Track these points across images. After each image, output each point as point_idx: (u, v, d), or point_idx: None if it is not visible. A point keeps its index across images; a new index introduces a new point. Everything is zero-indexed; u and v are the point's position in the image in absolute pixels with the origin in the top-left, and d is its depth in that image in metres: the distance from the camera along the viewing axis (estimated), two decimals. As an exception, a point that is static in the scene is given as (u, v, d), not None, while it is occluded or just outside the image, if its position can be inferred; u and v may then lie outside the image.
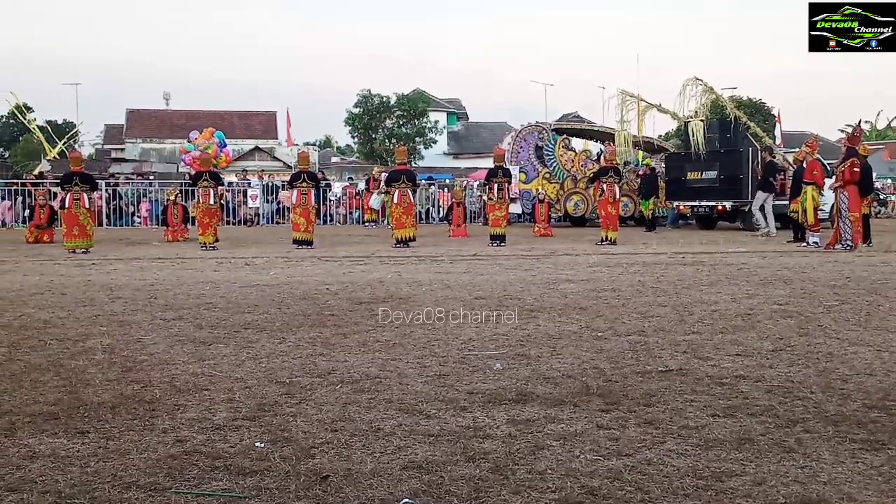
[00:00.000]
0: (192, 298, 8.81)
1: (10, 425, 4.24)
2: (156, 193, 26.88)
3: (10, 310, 8.04)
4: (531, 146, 25.43)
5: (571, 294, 9.09)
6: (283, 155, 45.34)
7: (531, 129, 26.07)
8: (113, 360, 5.79)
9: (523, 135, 25.83)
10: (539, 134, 25.68)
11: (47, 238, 18.45)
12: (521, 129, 26.34)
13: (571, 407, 4.55)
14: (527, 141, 25.54)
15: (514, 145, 25.53)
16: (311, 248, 15.95)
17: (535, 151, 25.38)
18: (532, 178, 25.03)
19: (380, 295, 9.02)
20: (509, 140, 26.24)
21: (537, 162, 25.34)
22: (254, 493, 3.34)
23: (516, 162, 25.00)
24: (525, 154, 25.38)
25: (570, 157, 25.46)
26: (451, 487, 3.38)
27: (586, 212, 24.75)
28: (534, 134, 25.73)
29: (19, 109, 44.54)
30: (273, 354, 5.96)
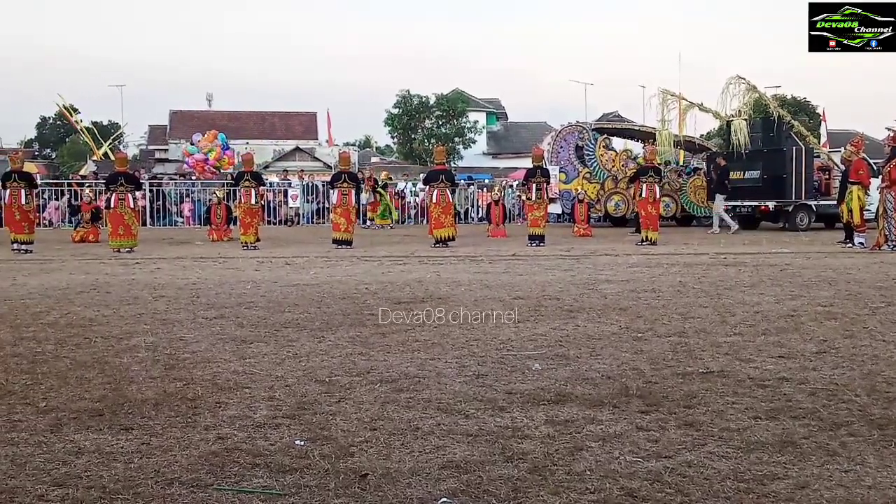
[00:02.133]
0: (233, 297, 8.91)
1: (57, 421, 4.32)
2: (198, 193, 27.20)
3: (57, 308, 8.20)
4: (571, 146, 25.28)
5: (611, 295, 9.04)
6: (324, 155, 45.61)
7: (571, 129, 25.92)
8: (156, 357, 5.88)
9: (563, 135, 25.69)
10: (579, 134, 25.52)
11: (93, 237, 18.76)
12: (562, 129, 26.19)
13: (611, 408, 4.52)
14: (567, 141, 25.40)
15: (554, 145, 25.40)
16: (350, 247, 16.04)
17: (575, 151, 25.22)
18: (572, 178, 24.88)
19: (419, 295, 9.04)
20: (549, 140, 26.11)
21: (577, 162, 25.18)
22: (293, 490, 3.37)
23: (556, 162, 24.89)
24: (565, 154, 25.24)
25: (610, 156, 25.26)
26: (490, 487, 3.38)
27: (627, 212, 24.55)
28: (574, 134, 25.58)
29: (67, 110, 45.29)
30: (313, 353, 6.00)
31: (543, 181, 17.40)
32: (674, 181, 24.73)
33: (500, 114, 59.89)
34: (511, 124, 60.00)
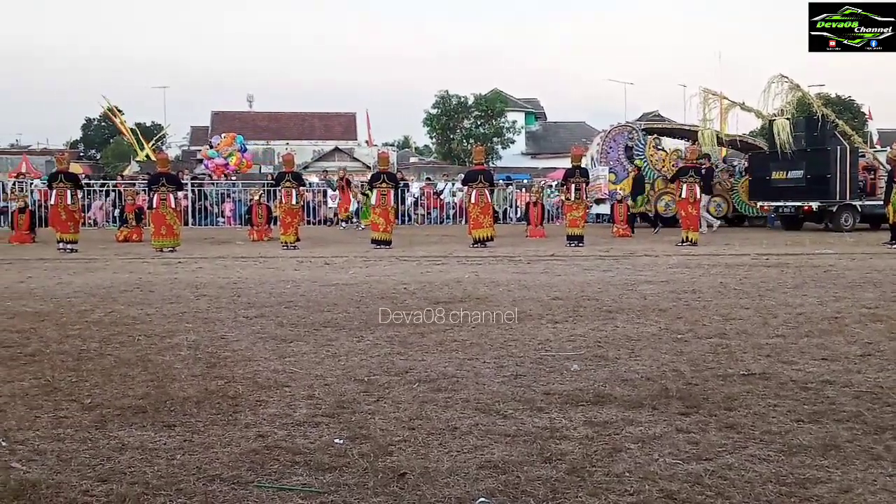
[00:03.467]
0: (273, 297, 8.98)
1: (101, 418, 4.40)
2: (239, 194, 27.46)
3: (101, 306, 8.33)
4: (621, 146, 25.03)
5: (651, 295, 8.97)
6: (363, 155, 45.86)
7: (621, 129, 25.70)
8: (198, 356, 5.95)
9: (613, 135, 25.46)
10: (629, 134, 25.27)
11: (136, 237, 19.03)
12: (611, 129, 25.96)
13: (650, 409, 4.49)
14: (616, 141, 25.16)
15: (603, 145, 25.21)
16: (389, 247, 16.09)
17: (624, 151, 24.93)
18: (622, 178, 24.58)
19: (457, 295, 9.05)
20: (599, 140, 25.93)
21: (627, 162, 24.87)
22: (332, 488, 3.40)
23: (605, 162, 24.70)
24: (615, 154, 25.00)
25: (660, 156, 24.92)
26: (528, 488, 3.37)
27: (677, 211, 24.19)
28: (623, 134, 25.34)
29: (111, 112, 46.00)
30: (352, 352, 6.04)
31: (583, 181, 17.31)
32: (725, 181, 24.42)
33: (539, 114, 59.74)
34: (550, 124, 59.81)
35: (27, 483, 3.43)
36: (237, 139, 31.87)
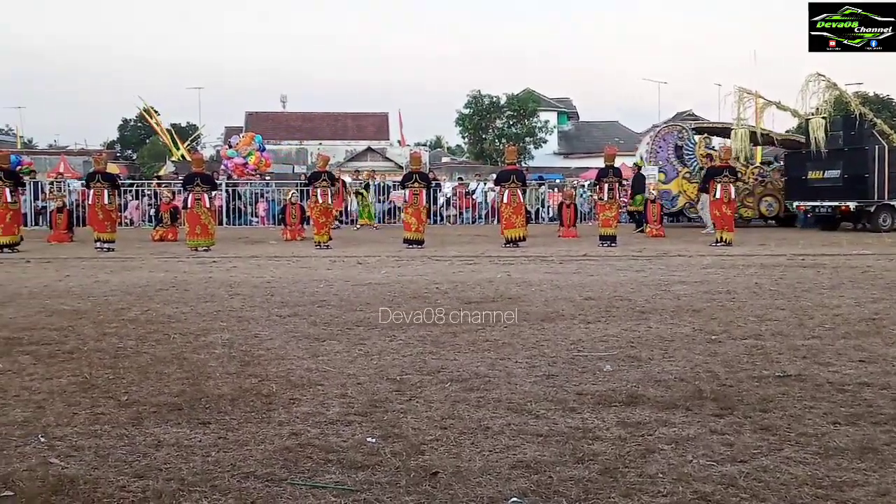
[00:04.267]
0: (306, 296, 9.04)
1: (138, 415, 4.46)
2: (272, 193, 27.64)
3: (138, 305, 8.43)
4: (670, 146, 24.72)
5: (684, 296, 8.90)
6: (395, 155, 46.00)
7: (670, 129, 25.43)
8: (232, 354, 6.01)
9: (662, 134, 25.20)
10: (679, 133, 24.97)
11: (171, 237, 19.23)
12: (661, 129, 25.71)
13: (684, 411, 4.47)
14: (666, 140, 24.88)
15: (652, 145, 24.96)
16: (421, 247, 16.11)
17: (674, 151, 24.59)
18: (671, 178, 24.28)
19: (489, 295, 9.04)
20: (648, 140, 25.68)
21: (677, 162, 24.49)
22: (365, 487, 3.41)
23: (655, 162, 24.45)
24: (664, 154, 24.71)
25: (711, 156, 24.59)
26: (560, 488, 3.37)
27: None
28: (673, 133, 25.06)
29: (147, 113, 46.53)
30: (384, 352, 6.06)
31: (615, 181, 17.22)
32: (776, 180, 24.12)
33: (572, 113, 59.53)
34: (582, 124, 59.58)
35: (65, 478, 3.49)
36: (256, 139, 32.04)
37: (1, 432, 4.15)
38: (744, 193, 23.41)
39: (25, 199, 22.35)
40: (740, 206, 23.60)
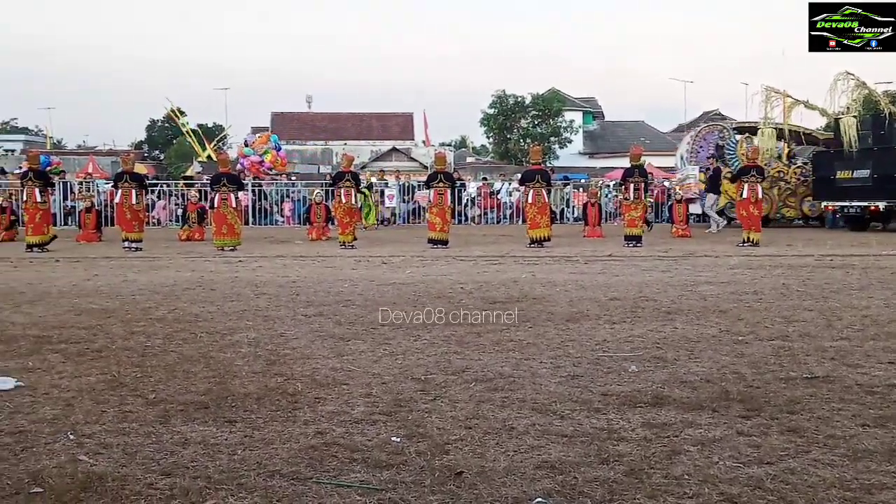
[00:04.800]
0: (331, 295, 9.07)
1: (165, 413, 4.49)
2: (298, 193, 27.76)
3: (165, 304, 8.51)
4: (712, 145, 24.48)
5: (711, 296, 8.85)
6: (420, 155, 46.03)
7: (711, 128, 25.21)
8: (258, 353, 6.05)
9: (703, 133, 25.00)
10: (720, 133, 24.75)
11: (198, 236, 19.37)
12: (702, 128, 25.50)
13: (710, 412, 4.44)
14: (707, 140, 24.66)
15: (693, 144, 24.77)
16: (446, 247, 16.13)
17: (715, 150, 24.40)
18: None
19: (514, 295, 9.03)
20: (689, 139, 25.49)
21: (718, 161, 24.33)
22: (390, 486, 3.42)
23: (696, 161, 24.25)
24: (705, 153, 24.51)
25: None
26: (585, 489, 3.36)
27: (770, 212, 23.61)
28: (714, 133, 24.82)
29: (174, 113, 46.88)
30: (409, 351, 6.07)
31: (641, 181, 17.14)
32: None
33: (597, 113, 59.32)
34: (607, 123, 59.37)
35: (94, 475, 3.53)
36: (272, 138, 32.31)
37: (31, 429, 4.20)
38: (786, 193, 23.18)
39: (55, 199, 22.61)
40: (782, 206, 23.38)
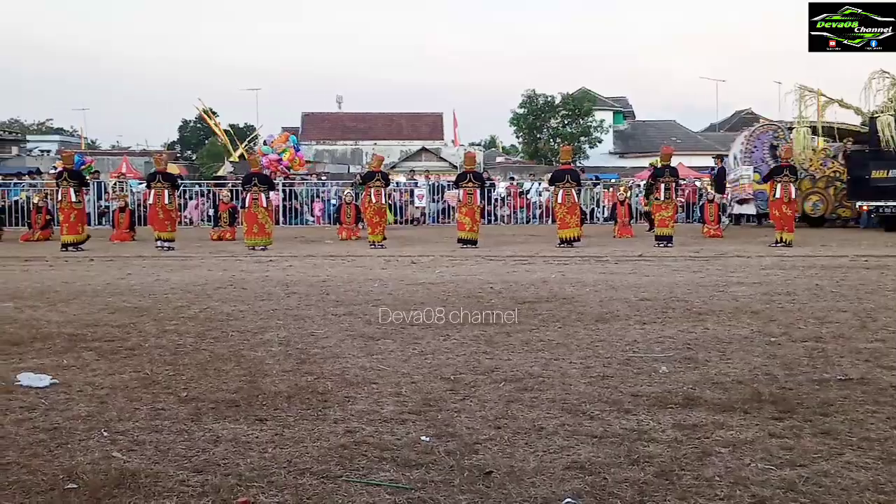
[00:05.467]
0: (361, 295, 9.11)
1: (197, 410, 4.54)
2: (328, 193, 27.89)
3: (197, 303, 8.58)
4: (766, 145, 24.08)
5: (742, 297, 8.77)
6: (449, 155, 46.02)
7: (765, 129, 24.84)
8: (288, 352, 6.08)
9: (757, 133, 24.64)
10: (774, 133, 24.42)
11: (229, 236, 19.52)
12: (755, 128, 25.10)
13: (741, 413, 4.40)
14: (761, 140, 24.30)
15: (747, 144, 24.47)
16: (475, 247, 16.12)
17: (769, 151, 23.89)
18: None
19: (543, 295, 9.01)
20: (742, 139, 25.15)
21: (772, 161, 23.80)
22: (419, 485, 3.43)
23: (750, 162, 23.92)
24: (759, 153, 24.10)
25: (807, 155, 24.06)
26: (615, 490, 3.35)
27: (826, 211, 23.25)
28: (769, 133, 24.47)
29: (206, 114, 47.27)
30: (438, 351, 6.08)
31: (672, 181, 17.03)
32: None
33: (628, 112, 58.94)
34: (638, 123, 58.97)
35: (127, 472, 3.57)
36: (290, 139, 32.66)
37: (66, 426, 4.26)
38: (842, 193, 22.86)
39: (89, 199, 22.89)
40: (838, 207, 23.08)
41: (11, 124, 67.32)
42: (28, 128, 68.97)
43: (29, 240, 19.08)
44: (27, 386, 5.08)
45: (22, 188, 25.37)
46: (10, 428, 4.24)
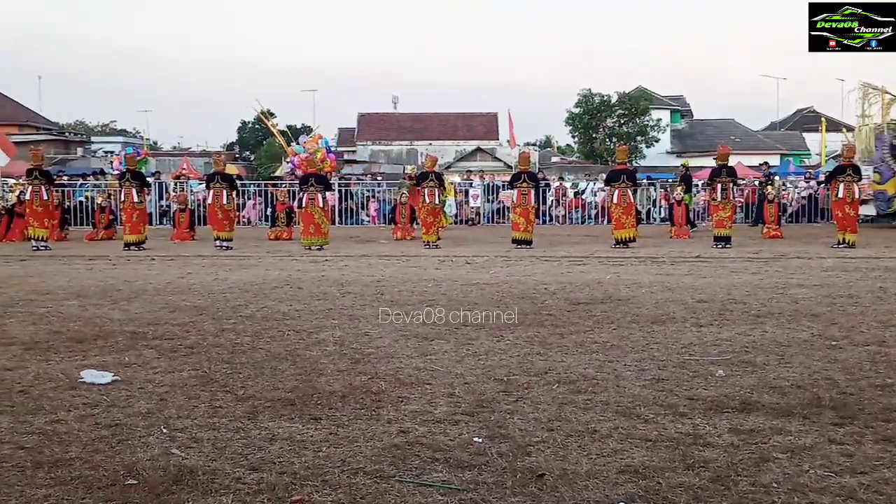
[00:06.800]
0: (415, 295, 9.14)
1: (253, 409, 4.61)
2: (383, 193, 28.03)
3: (254, 302, 8.71)
4: (886, 145, 23.55)
5: (803, 299, 8.60)
6: (504, 155, 45.93)
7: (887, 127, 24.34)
8: (343, 351, 6.14)
9: (878, 133, 24.18)
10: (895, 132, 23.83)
11: (286, 236, 19.74)
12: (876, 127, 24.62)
13: (800, 419, 4.32)
14: (881, 140, 23.78)
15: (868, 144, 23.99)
16: (530, 247, 16.06)
17: (890, 150, 23.25)
18: (888, 178, 22.74)
19: (598, 296, 8.95)
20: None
21: (893, 162, 23.21)
22: (471, 486, 3.44)
23: (870, 162, 23.50)
24: (879, 153, 23.53)
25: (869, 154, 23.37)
26: (669, 494, 3.31)
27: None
28: (890, 132, 23.97)
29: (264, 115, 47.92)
30: (491, 352, 6.08)
31: (729, 181, 16.77)
32: None
33: (685, 111, 58.17)
34: (696, 122, 58.17)
35: (185, 469, 3.64)
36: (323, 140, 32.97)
37: (126, 423, 4.36)
38: None
39: (150, 200, 23.35)
40: None
41: (76, 126, 69.07)
42: (92, 129, 70.66)
43: (93, 239, 19.54)
44: (90, 383, 5.21)
45: (86, 189, 25.97)
46: (74, 424, 4.35)
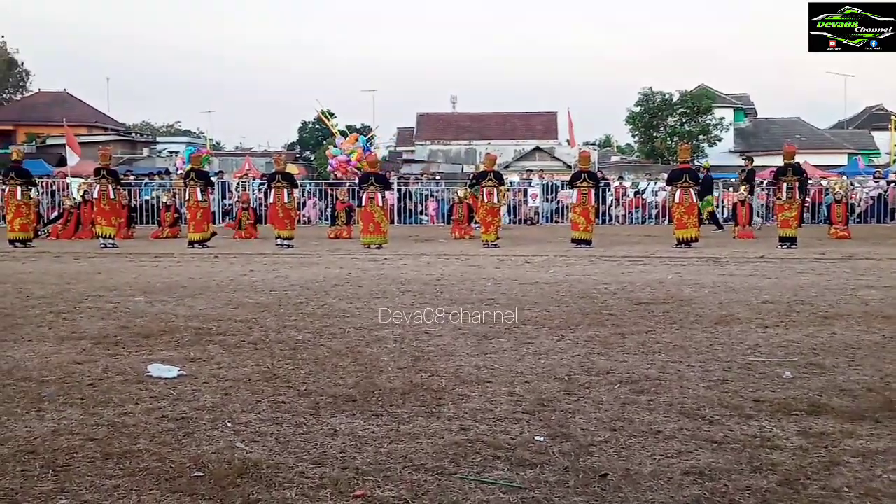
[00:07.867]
0: (474, 294, 9.13)
1: (315, 404, 4.65)
2: (442, 193, 28.10)
3: (315, 299, 8.79)
4: None
5: (873, 301, 8.37)
6: (563, 154, 45.63)
7: None
8: (403, 349, 6.16)
9: None
10: None
11: (346, 234, 19.91)
12: None
13: (872, 422, 4.21)
14: None
15: None
16: (589, 247, 15.94)
17: None
18: None
19: (659, 296, 8.84)
20: None
21: None
22: (533, 485, 3.42)
23: None
24: None
25: None
26: (736, 497, 3.25)
27: None
28: None
29: (324, 115, 48.40)
30: (552, 351, 6.04)
31: (795, 180, 16.41)
32: None
33: (749, 110, 57.16)
34: (760, 120, 57.09)
35: (250, 462, 3.69)
36: (360, 139, 33.05)
37: (192, 416, 4.44)
38: None
39: (214, 198, 23.76)
40: None
41: (143, 126, 70.59)
42: (158, 129, 72.18)
43: (158, 237, 19.96)
44: (157, 377, 5.31)
45: (152, 188, 26.54)
46: (141, 417, 4.44)
